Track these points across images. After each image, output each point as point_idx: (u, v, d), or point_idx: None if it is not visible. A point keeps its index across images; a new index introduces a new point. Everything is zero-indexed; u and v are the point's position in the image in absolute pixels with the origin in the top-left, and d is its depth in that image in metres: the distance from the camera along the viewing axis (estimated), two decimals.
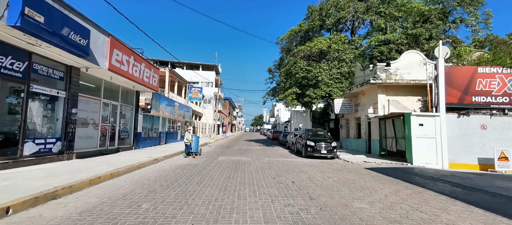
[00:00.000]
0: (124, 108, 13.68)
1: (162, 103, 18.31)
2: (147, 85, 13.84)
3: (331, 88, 17.96)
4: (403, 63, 13.94)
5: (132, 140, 14.61)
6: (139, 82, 12.79)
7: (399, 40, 16.18)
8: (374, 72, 14.55)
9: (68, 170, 7.45)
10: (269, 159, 13.06)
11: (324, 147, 13.50)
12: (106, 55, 9.65)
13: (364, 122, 16.33)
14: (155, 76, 14.97)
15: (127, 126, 14.08)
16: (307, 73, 18.83)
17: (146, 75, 13.63)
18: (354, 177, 8.40)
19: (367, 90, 15.70)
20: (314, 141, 13.75)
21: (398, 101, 14.20)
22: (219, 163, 11.19)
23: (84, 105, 10.31)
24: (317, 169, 10.06)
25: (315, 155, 13.47)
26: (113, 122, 12.55)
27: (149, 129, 17.41)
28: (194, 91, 28.22)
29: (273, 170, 9.50)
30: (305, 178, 8.02)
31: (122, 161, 9.57)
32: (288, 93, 19.69)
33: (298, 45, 22.82)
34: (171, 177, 7.72)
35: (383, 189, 6.73)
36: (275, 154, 15.83)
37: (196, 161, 11.76)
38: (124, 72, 11.11)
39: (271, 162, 12.04)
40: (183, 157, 13.10)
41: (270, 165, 10.81)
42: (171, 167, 9.86)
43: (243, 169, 9.57)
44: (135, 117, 14.80)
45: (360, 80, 16.95)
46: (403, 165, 11.14)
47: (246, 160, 12.53)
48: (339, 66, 18.20)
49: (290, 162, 12.21)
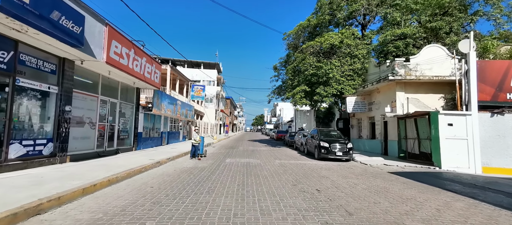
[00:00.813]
0: (123, 106, 12.70)
1: (164, 102, 17.33)
2: (149, 81, 12.86)
3: (343, 86, 16.95)
4: (424, 58, 12.94)
5: (133, 141, 13.63)
6: (140, 78, 11.81)
7: (417, 34, 15.18)
8: (392, 68, 13.56)
9: (59, 175, 6.48)
10: (280, 161, 12.08)
11: (339, 149, 12.52)
12: (103, 47, 8.66)
13: (379, 122, 15.34)
14: (156, 72, 13.99)
15: (127, 125, 13.11)
16: (317, 70, 17.82)
17: (148, 71, 12.66)
18: (384, 184, 7.42)
19: (383, 87, 14.71)
20: (328, 142, 12.77)
21: (418, 99, 13.22)
22: (227, 166, 10.22)
23: (80, 103, 9.33)
24: (338, 174, 9.08)
25: (329, 157, 12.50)
26: (112, 121, 11.57)
27: (150, 128, 16.44)
28: (197, 89, 27.24)
29: (289, 175, 8.53)
30: (329, 185, 7.04)
31: (122, 164, 8.59)
32: (297, 91, 18.68)
33: (306, 42, 21.82)
34: (177, 184, 6.75)
35: (427, 200, 5.74)
36: (284, 156, 14.86)
37: (202, 163, 10.79)
38: (124, 66, 10.13)
39: (284, 164, 11.07)
40: (188, 159, 12.13)
41: (284, 169, 9.84)
42: (176, 171, 8.89)
43: (255, 174, 8.59)
44: (135, 116, 13.82)
45: (374, 78, 15.95)
46: (430, 169, 10.15)
47: (255, 162, 11.56)
48: (351, 62, 17.19)
49: (304, 164, 11.23)
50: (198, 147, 12.32)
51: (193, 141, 12.20)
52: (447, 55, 12.89)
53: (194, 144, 12.18)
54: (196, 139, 12.16)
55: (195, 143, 12.18)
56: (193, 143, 12.20)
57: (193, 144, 12.21)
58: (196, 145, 12.22)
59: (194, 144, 12.19)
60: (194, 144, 12.19)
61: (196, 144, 12.20)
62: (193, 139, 12.22)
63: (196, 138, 12.16)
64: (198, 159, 12.13)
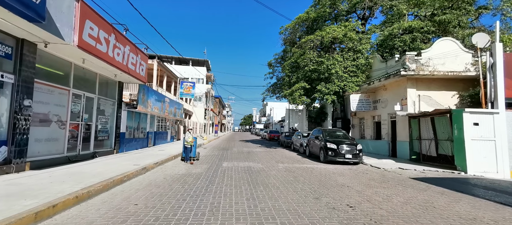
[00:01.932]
0: (103, 102, 10.94)
1: (151, 98, 15.57)
2: (133, 74, 11.16)
3: (346, 82, 15.85)
4: (436, 53, 11.98)
5: (114, 142, 11.86)
6: (123, 69, 10.11)
7: (425, 27, 14.27)
8: (402, 63, 12.53)
9: (8, 191, 4.81)
10: (284, 165, 10.73)
11: (348, 151, 11.32)
12: (74, 27, 6.97)
13: (385, 121, 14.32)
14: (142, 64, 12.27)
15: (107, 124, 11.34)
16: (318, 66, 16.64)
17: (132, 62, 10.95)
18: (422, 195, 6.21)
19: (391, 84, 13.68)
20: (335, 143, 11.54)
21: (430, 96, 12.25)
22: (226, 172, 8.75)
23: (45, 97, 7.58)
24: (356, 181, 7.83)
25: (337, 159, 11.27)
26: (88, 119, 9.81)
27: (135, 128, 14.65)
28: (186, 86, 25.44)
29: (303, 183, 7.18)
30: (358, 198, 5.75)
31: (98, 172, 6.94)
32: (296, 88, 17.43)
33: (303, 37, 20.62)
34: (169, 199, 5.24)
35: (497, 222, 4.54)
36: (285, 158, 13.53)
37: (196, 169, 9.26)
38: (102, 54, 8.44)
39: (290, 169, 9.72)
40: (178, 163, 10.56)
41: (293, 175, 8.49)
42: (166, 179, 7.34)
43: (263, 182, 7.19)
44: (117, 114, 12.06)
45: (379, 74, 14.93)
46: (455, 173, 9.10)
47: (257, 167, 10.15)
48: (354, 57, 16.11)
49: (312, 169, 9.94)
50: (190, 149, 10.79)
51: (185, 142, 10.66)
52: (461, 50, 11.98)
53: (187, 145, 10.65)
54: (188, 140, 10.62)
55: (187, 145, 10.65)
56: (185, 145, 10.66)
57: (185, 146, 10.67)
58: (189, 147, 10.68)
59: (186, 145, 10.65)
60: (186, 146, 10.66)
61: (189, 145, 10.67)
62: (185, 140, 10.67)
63: (188, 139, 10.62)
64: (190, 163, 10.59)
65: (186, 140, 10.64)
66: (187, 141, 10.63)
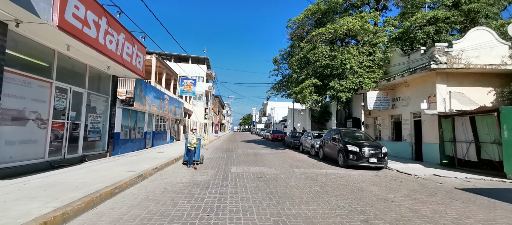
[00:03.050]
0: (94, 98, 9.58)
1: (149, 95, 14.20)
2: (129, 66, 9.80)
3: (361, 78, 14.54)
4: (470, 44, 10.71)
5: (107, 144, 10.50)
6: (116, 60, 8.75)
7: (452, 17, 13.00)
8: (430, 55, 11.24)
9: None
10: (301, 171, 9.42)
11: (373, 154, 10.02)
12: (53, 2, 5.62)
13: (407, 121, 13.02)
14: (140, 56, 10.91)
15: (98, 123, 9.98)
16: (331, 61, 15.33)
17: (127, 52, 9.59)
18: (497, 217, 4.91)
19: (415, 80, 12.38)
20: (357, 146, 10.24)
21: (463, 93, 10.97)
22: (237, 179, 7.43)
23: (19, 89, 6.21)
24: (397, 192, 6.53)
25: (360, 164, 9.96)
26: (76, 117, 8.45)
27: (131, 128, 13.28)
28: (187, 84, 24.05)
29: (334, 196, 5.87)
30: (421, 222, 4.43)
31: (83, 183, 5.60)
32: (306, 86, 16.10)
33: (311, 31, 19.30)
34: (173, 221, 3.92)
35: None
36: (297, 161, 12.22)
37: (201, 175, 7.92)
38: (90, 39, 7.08)
39: (309, 176, 8.41)
40: (180, 167, 9.23)
41: (317, 184, 7.17)
42: (167, 190, 6.02)
43: (286, 194, 5.87)
44: (111, 112, 10.70)
45: (399, 69, 13.65)
46: (506, 182, 7.78)
47: (271, 173, 8.83)
48: (371, 51, 14.81)
49: (334, 175, 8.63)
50: (194, 152, 9.49)
51: (189, 144, 9.34)
52: (497, 41, 10.71)
53: (190, 147, 9.34)
54: (192, 141, 9.31)
55: (190, 147, 9.34)
56: (189, 147, 9.34)
57: (189, 148, 9.35)
58: (192, 149, 9.37)
59: (189, 147, 9.34)
60: (189, 148, 9.34)
61: (192, 148, 9.36)
62: (189, 142, 9.36)
63: (192, 140, 9.32)
64: (194, 167, 9.27)
65: (190, 142, 9.33)
66: (190, 143, 9.32)
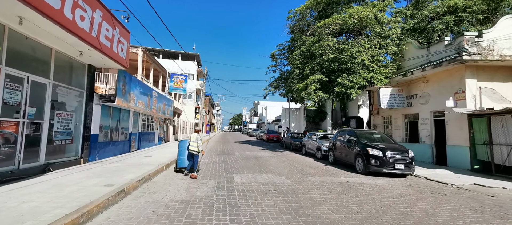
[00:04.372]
0: (63, 92, 7.71)
1: (134, 90, 12.31)
2: (108, 53, 7.98)
3: (373, 74, 13.20)
4: (502, 34, 9.51)
5: (81, 148, 8.63)
6: (91, 43, 6.94)
7: (474, 6, 11.85)
8: (457, 46, 9.98)
9: None
10: (318, 179, 7.90)
11: (398, 159, 8.62)
12: None
13: (426, 120, 11.75)
14: (123, 43, 9.08)
15: (69, 123, 8.10)
16: (339, 54, 13.92)
17: (106, 36, 7.77)
18: None
19: (436, 75, 11.10)
20: (380, 149, 8.81)
21: (494, 89, 9.77)
22: (247, 194, 5.82)
23: None
24: (454, 211, 5.10)
25: (384, 170, 8.54)
26: (35, 115, 6.60)
27: (113, 128, 11.37)
28: (177, 80, 22.11)
29: (382, 221, 4.36)
30: None
31: (33, 209, 3.84)
32: (310, 82, 14.64)
33: (312, 24, 17.91)
34: None
35: None
36: (306, 166, 10.73)
37: (200, 188, 6.25)
38: (51, 10, 5.29)
39: (331, 187, 6.89)
40: (172, 176, 7.52)
41: (352, 201, 5.66)
42: (158, 214, 4.37)
43: (321, 220, 4.31)
44: (86, 109, 8.83)
45: (416, 63, 12.42)
46: None
47: (284, 183, 7.26)
48: (383, 43, 13.50)
49: (360, 186, 7.16)
50: (197, 157, 7.89)
51: (191, 148, 7.70)
52: None
53: (194, 152, 7.71)
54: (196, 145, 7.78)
55: (194, 151, 7.71)
56: (192, 150, 7.68)
57: (192, 152, 7.70)
58: (197, 154, 7.76)
59: (193, 151, 7.70)
60: (193, 152, 7.71)
61: (197, 152, 7.75)
62: (191, 144, 7.73)
63: (196, 144, 7.76)
64: (192, 176, 7.59)
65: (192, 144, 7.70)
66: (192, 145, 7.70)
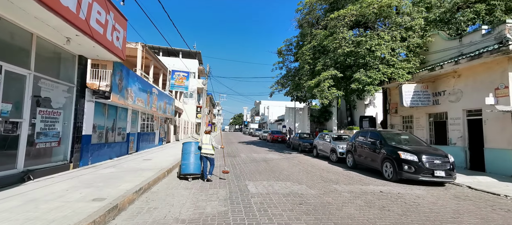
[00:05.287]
0: (47, 86, 6.57)
1: (133, 86, 11.16)
2: (101, 41, 6.82)
3: (394, 69, 12.04)
4: None
5: (70, 151, 7.48)
6: (79, 27, 5.78)
7: None
8: (498, 35, 8.84)
9: None
10: (345, 189, 6.77)
11: (438, 165, 7.47)
12: None
13: (458, 120, 10.58)
14: (118, 30, 7.93)
15: (55, 122, 6.95)
16: (356, 47, 12.77)
17: (98, 19, 6.62)
18: None
19: (471, 68, 9.89)
20: (415, 153, 7.66)
21: None
22: (268, 209, 4.69)
23: None
24: None
25: (421, 178, 7.39)
26: (11, 113, 5.45)
27: (108, 128, 10.22)
28: (178, 77, 20.95)
29: None
30: None
31: None
32: (323, 78, 13.48)
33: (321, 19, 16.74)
34: None
35: None
36: (323, 171, 9.61)
37: (210, 201, 5.11)
38: None
39: (367, 199, 5.76)
40: (176, 184, 6.37)
41: (402, 222, 4.50)
42: None
43: None
44: (77, 106, 7.68)
45: (443, 56, 11.30)
46: None
47: (307, 193, 6.12)
48: (405, 36, 12.34)
49: (400, 197, 6.03)
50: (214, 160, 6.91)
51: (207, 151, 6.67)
52: None
53: (209, 154, 6.71)
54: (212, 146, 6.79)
55: (210, 153, 6.71)
56: (207, 155, 6.66)
57: (207, 156, 6.67)
58: (212, 158, 6.74)
59: (208, 155, 6.68)
60: (208, 155, 6.69)
61: (212, 154, 6.77)
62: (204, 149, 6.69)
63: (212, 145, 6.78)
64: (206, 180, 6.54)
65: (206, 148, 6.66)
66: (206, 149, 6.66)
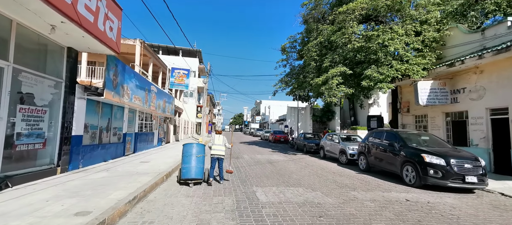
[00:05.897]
0: (30, 81, 5.80)
1: (129, 83, 10.38)
2: (92, 30, 6.05)
3: (408, 65, 11.29)
4: None
5: (57, 153, 6.71)
6: (64, 12, 5.01)
7: None
8: None
9: None
10: (365, 196, 6.02)
11: (469, 170, 6.71)
12: None
13: (480, 119, 9.82)
14: (111, 20, 7.16)
15: (40, 121, 6.17)
16: (367, 42, 12.02)
17: (88, 6, 5.85)
18: None
19: (496, 63, 9.08)
20: (442, 156, 6.90)
21: None
22: (283, 223, 3.91)
23: None
24: None
25: (450, 184, 6.63)
26: None
27: (103, 128, 9.44)
28: (178, 75, 20.17)
29: None
30: None
31: None
32: (331, 75, 12.73)
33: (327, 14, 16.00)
34: None
35: None
36: (334, 174, 8.88)
37: (215, 212, 4.36)
38: None
39: (396, 210, 5.02)
40: (175, 191, 5.61)
41: None
42: None
43: None
44: (65, 104, 6.91)
45: (462, 51, 10.58)
46: None
47: (324, 202, 5.38)
48: (420, 29, 11.58)
49: (432, 207, 5.29)
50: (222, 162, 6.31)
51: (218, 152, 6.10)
52: None
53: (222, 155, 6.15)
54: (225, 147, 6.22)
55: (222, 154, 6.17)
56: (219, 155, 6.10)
57: (217, 157, 6.08)
58: (223, 158, 6.20)
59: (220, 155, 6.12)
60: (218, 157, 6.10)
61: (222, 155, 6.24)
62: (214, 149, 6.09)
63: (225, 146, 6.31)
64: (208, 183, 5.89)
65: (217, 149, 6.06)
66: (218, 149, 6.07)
